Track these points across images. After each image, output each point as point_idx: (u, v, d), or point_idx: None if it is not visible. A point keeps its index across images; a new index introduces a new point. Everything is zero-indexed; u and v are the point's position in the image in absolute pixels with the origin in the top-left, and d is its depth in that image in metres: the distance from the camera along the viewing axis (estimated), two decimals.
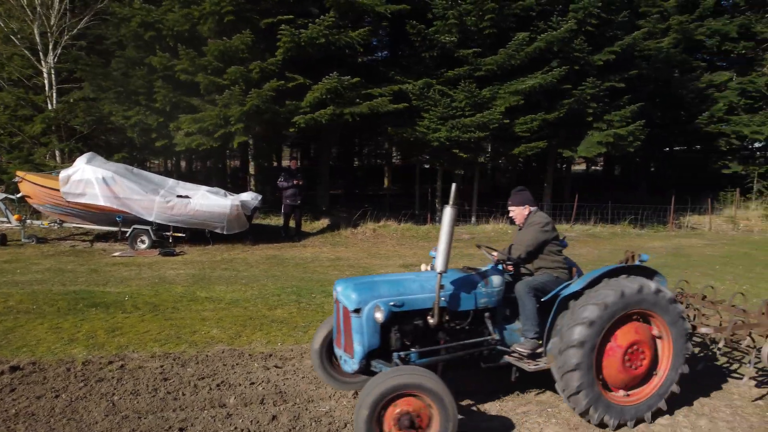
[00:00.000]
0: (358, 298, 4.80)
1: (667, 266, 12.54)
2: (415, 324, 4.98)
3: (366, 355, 4.80)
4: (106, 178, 12.65)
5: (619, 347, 4.99)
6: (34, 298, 8.77)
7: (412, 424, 4.19)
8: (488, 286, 5.29)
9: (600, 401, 4.92)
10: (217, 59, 13.85)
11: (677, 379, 5.22)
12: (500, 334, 5.37)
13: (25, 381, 5.95)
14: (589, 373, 4.86)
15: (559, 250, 5.60)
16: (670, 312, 5.15)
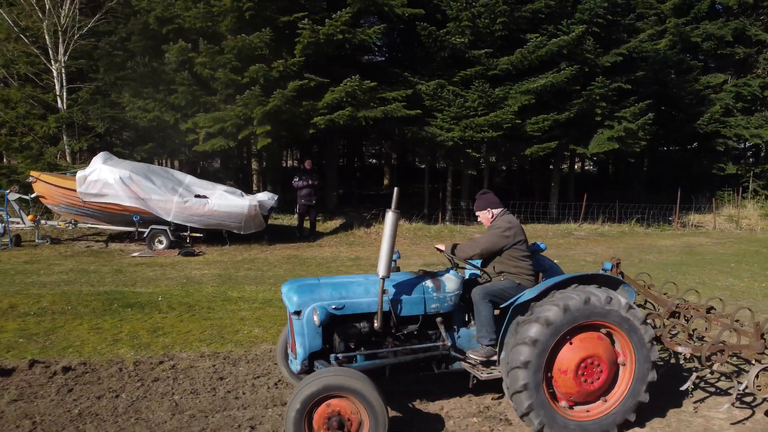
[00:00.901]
0: (298, 301, 4.83)
1: (685, 264, 12.75)
2: (358, 327, 4.97)
3: (308, 356, 4.83)
4: (124, 177, 12.57)
5: (573, 359, 4.67)
6: (66, 299, 8.72)
7: (341, 425, 4.23)
8: (440, 290, 5.15)
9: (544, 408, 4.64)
10: (236, 57, 13.78)
11: (634, 407, 4.84)
12: (455, 340, 5.24)
13: (80, 381, 5.95)
14: (539, 392, 4.60)
15: (524, 255, 5.27)
16: (635, 332, 4.77)
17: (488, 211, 5.48)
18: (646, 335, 4.80)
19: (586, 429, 4.75)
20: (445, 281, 5.20)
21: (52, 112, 15.75)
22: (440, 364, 5.20)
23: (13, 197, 13.34)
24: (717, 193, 26.54)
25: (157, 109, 14.72)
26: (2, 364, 6.23)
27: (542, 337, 4.56)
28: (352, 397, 4.25)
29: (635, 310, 4.81)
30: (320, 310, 4.70)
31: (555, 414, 4.67)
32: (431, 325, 5.19)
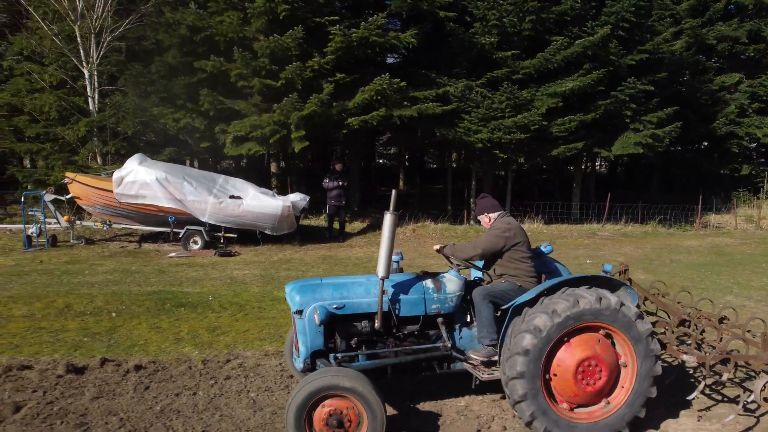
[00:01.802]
0: (300, 300, 4.95)
1: (717, 264, 12.86)
2: (359, 327, 5.07)
3: (310, 354, 4.95)
4: (161, 178, 12.71)
5: (571, 362, 4.68)
6: (119, 299, 8.86)
7: (340, 424, 4.36)
8: (441, 291, 5.20)
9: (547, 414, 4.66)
10: (270, 59, 13.90)
11: (642, 402, 4.83)
12: (456, 340, 5.30)
13: (154, 379, 6.09)
14: (535, 383, 4.63)
15: (525, 257, 5.29)
16: (630, 328, 4.75)
17: (485, 216, 5.57)
18: (643, 330, 4.77)
19: (593, 430, 4.77)
20: (446, 282, 5.26)
21: (82, 114, 15.90)
22: (442, 365, 5.26)
23: (49, 198, 13.49)
24: (733, 193, 26.66)
25: (188, 116, 14.88)
26: (74, 362, 6.36)
27: (534, 347, 4.57)
28: (350, 396, 4.36)
29: (627, 306, 4.77)
30: (321, 309, 4.81)
31: (559, 419, 4.69)
32: (432, 325, 5.25)
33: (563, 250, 13.86)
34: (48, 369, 6.22)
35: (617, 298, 4.75)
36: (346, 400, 4.40)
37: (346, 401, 4.40)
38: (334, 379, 4.37)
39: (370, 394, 4.36)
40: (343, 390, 4.36)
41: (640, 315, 4.81)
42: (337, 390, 4.36)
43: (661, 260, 13.23)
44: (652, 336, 4.80)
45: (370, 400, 4.36)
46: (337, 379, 4.38)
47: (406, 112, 14.39)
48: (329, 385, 4.35)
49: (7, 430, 4.97)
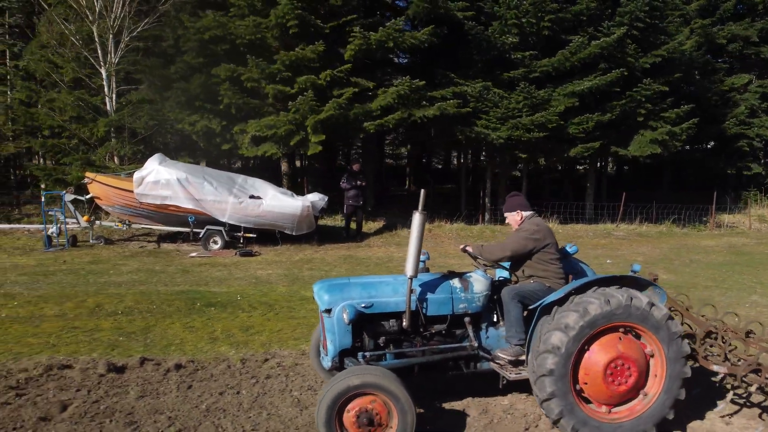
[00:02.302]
0: (329, 299, 4.97)
1: (738, 264, 12.87)
2: (387, 326, 5.10)
3: (338, 353, 4.96)
4: (181, 179, 12.75)
5: (601, 361, 4.67)
6: (148, 298, 8.91)
7: (371, 422, 4.36)
8: (468, 291, 5.20)
9: (574, 413, 4.65)
10: (286, 68, 13.97)
11: (671, 404, 4.80)
12: (483, 340, 5.31)
13: (195, 378, 6.11)
14: (564, 381, 4.62)
15: (553, 258, 5.30)
16: (660, 328, 4.74)
17: (517, 213, 5.53)
18: (674, 332, 4.77)
19: (620, 430, 4.74)
20: (473, 282, 5.27)
21: (99, 114, 15.94)
22: (469, 364, 5.26)
23: (69, 198, 13.53)
24: (743, 193, 26.67)
25: (204, 119, 14.93)
26: (113, 361, 6.39)
27: (564, 345, 4.57)
28: (381, 394, 4.37)
29: (658, 307, 4.77)
30: (349, 308, 4.83)
31: (587, 418, 4.67)
32: (459, 324, 5.26)
33: (583, 250, 13.82)
34: (89, 368, 6.24)
35: (648, 299, 4.75)
36: (377, 398, 4.40)
37: (376, 399, 4.40)
38: (365, 377, 4.39)
39: (400, 392, 4.36)
40: (373, 388, 4.36)
41: (670, 316, 4.81)
42: (367, 388, 4.36)
43: (681, 260, 13.25)
44: (681, 338, 4.82)
45: (400, 398, 4.36)
46: (367, 377, 4.40)
47: (427, 112, 14.45)
48: (360, 383, 4.36)
49: (57, 428, 4.99)
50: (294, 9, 13.29)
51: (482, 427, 5.15)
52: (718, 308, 9.05)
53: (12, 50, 18.34)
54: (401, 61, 17.53)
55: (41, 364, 6.25)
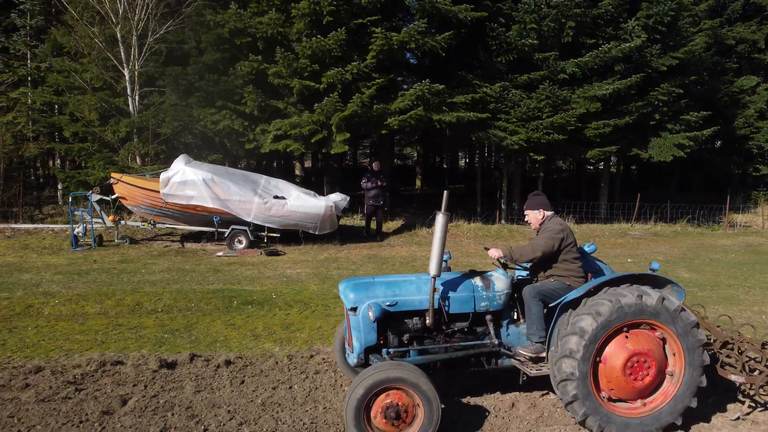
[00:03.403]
0: (354, 298, 5.14)
1: (758, 263, 13.03)
2: (411, 324, 5.24)
3: (363, 350, 5.11)
4: (207, 179, 12.92)
5: (617, 364, 4.78)
6: (185, 297, 9.08)
7: (398, 415, 4.53)
8: (489, 289, 5.34)
9: (598, 412, 4.77)
10: (311, 60, 14.14)
11: (694, 393, 4.92)
12: (505, 337, 5.44)
13: (246, 373, 6.28)
14: (585, 383, 4.73)
15: (575, 257, 5.45)
16: (677, 323, 4.85)
17: (540, 212, 5.64)
18: (697, 339, 4.86)
19: (630, 425, 4.83)
20: (494, 280, 5.41)
21: (121, 115, 16.13)
22: (490, 361, 5.40)
23: (95, 198, 13.71)
24: (753, 193, 26.82)
25: (227, 118, 15.12)
26: (163, 357, 6.57)
27: (592, 330, 4.69)
28: (409, 389, 4.53)
29: (686, 312, 4.89)
30: (375, 306, 4.96)
31: (599, 406, 4.78)
32: (481, 322, 5.40)
33: (601, 249, 14.00)
34: (140, 364, 6.41)
35: (659, 294, 4.86)
36: (405, 393, 4.55)
37: (404, 393, 4.56)
38: (392, 372, 4.54)
39: (428, 388, 4.52)
40: (400, 382, 4.52)
41: (683, 308, 4.93)
42: (395, 383, 4.52)
43: (700, 259, 13.41)
44: (703, 348, 4.91)
45: (428, 394, 4.52)
46: (394, 372, 4.55)
47: (445, 117, 14.66)
48: (387, 377, 4.51)
49: (122, 421, 5.15)
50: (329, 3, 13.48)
51: (534, 421, 5.31)
52: (743, 307, 9.27)
53: (33, 52, 18.52)
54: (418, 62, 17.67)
55: (94, 361, 6.43)
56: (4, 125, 16.97)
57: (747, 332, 6.06)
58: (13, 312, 8.30)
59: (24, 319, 8.03)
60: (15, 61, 18.50)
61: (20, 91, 18.12)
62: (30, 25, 18.45)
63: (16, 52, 18.54)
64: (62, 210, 18.03)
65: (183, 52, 16.04)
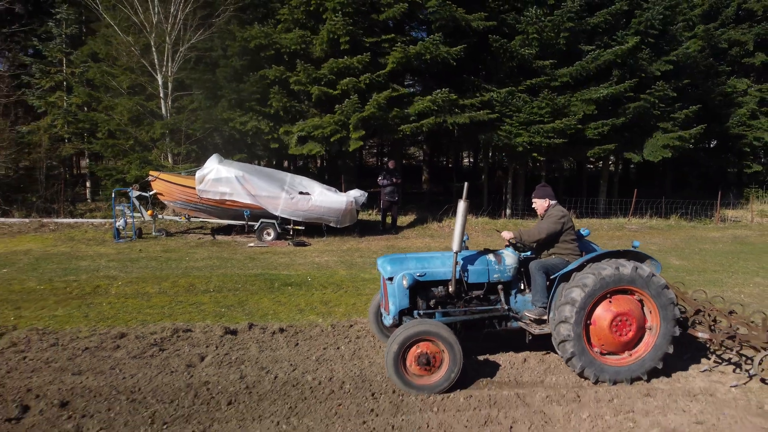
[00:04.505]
0: (391, 269, 6.32)
1: (743, 252, 14.24)
2: (436, 291, 6.39)
3: (398, 312, 6.26)
4: (239, 176, 14.12)
5: (606, 319, 5.91)
6: (231, 280, 10.30)
7: (428, 361, 5.69)
8: (501, 264, 6.50)
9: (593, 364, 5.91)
10: (330, 72, 15.42)
11: (669, 342, 6.01)
12: (513, 303, 6.59)
13: (298, 338, 7.45)
14: (580, 341, 5.85)
15: (573, 239, 6.54)
16: (650, 286, 5.95)
17: (546, 201, 6.75)
18: (668, 297, 6.00)
19: (620, 372, 5.98)
20: (505, 257, 6.60)
21: (155, 118, 17.36)
22: (501, 323, 6.56)
23: (135, 194, 14.91)
24: (745, 190, 27.98)
25: (254, 119, 16.37)
26: (226, 325, 7.75)
27: (581, 298, 5.83)
28: (437, 340, 5.70)
29: (657, 277, 6.01)
30: (408, 276, 6.14)
31: (593, 359, 5.94)
32: (494, 291, 6.59)
33: (601, 240, 15.19)
34: (207, 331, 7.60)
35: (650, 270, 6.04)
36: (433, 344, 5.72)
37: (430, 344, 5.72)
38: (420, 327, 5.73)
39: (452, 339, 5.69)
40: (432, 335, 5.69)
41: (666, 285, 6.06)
42: (428, 335, 5.69)
43: (690, 249, 14.61)
44: (674, 304, 6.06)
45: (452, 344, 5.68)
46: (422, 326, 5.74)
47: (458, 119, 15.94)
48: (417, 331, 5.69)
49: (205, 371, 6.33)
50: (345, 25, 14.78)
51: (543, 371, 6.51)
52: (725, 288, 10.49)
53: (68, 59, 19.76)
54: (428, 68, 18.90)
55: (167, 329, 7.61)
56: (43, 127, 18.24)
57: (718, 304, 7.24)
58: (84, 291, 9.52)
59: (96, 297, 9.25)
60: (51, 68, 19.76)
61: (57, 95, 19.37)
62: (65, 34, 19.69)
63: (52, 59, 19.81)
64: (94, 206, 19.29)
65: (211, 59, 17.27)
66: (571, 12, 16.18)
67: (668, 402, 5.67)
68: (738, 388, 6.07)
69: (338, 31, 14.87)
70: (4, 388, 5.73)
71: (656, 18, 17.69)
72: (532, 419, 5.28)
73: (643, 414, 5.41)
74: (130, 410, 5.33)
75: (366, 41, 15.71)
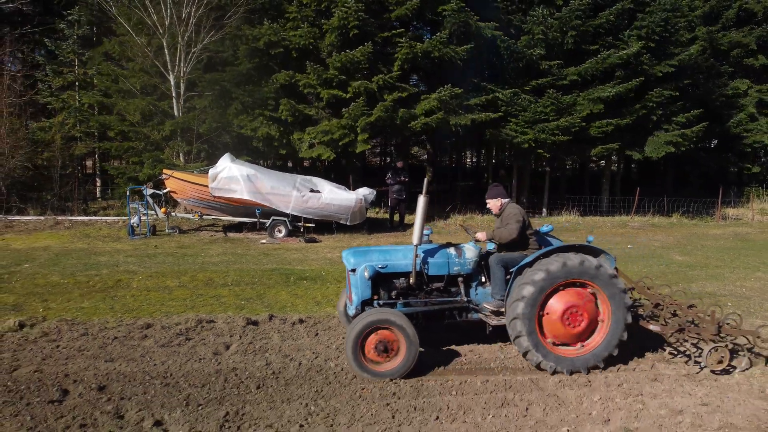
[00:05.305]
0: (354, 261, 6.55)
1: (744, 249, 14.56)
2: (398, 283, 6.60)
3: (360, 302, 6.48)
4: (250, 175, 14.44)
5: (556, 315, 6.09)
6: (248, 274, 10.61)
7: (386, 349, 5.93)
8: (461, 257, 6.66)
9: (540, 348, 6.09)
10: (340, 72, 15.73)
11: (623, 330, 6.19)
12: (474, 295, 6.77)
13: (318, 329, 7.75)
14: (533, 335, 6.03)
15: (530, 233, 6.76)
16: (608, 285, 6.13)
17: (498, 200, 6.94)
18: (619, 287, 6.17)
19: (576, 362, 6.17)
20: (465, 250, 6.76)
21: (166, 117, 17.68)
22: (461, 314, 6.77)
23: (149, 192, 15.22)
24: (745, 189, 28.31)
25: (264, 125, 16.71)
26: (248, 316, 8.05)
27: (531, 295, 6.04)
28: (393, 328, 5.93)
29: (605, 268, 6.17)
30: (370, 268, 6.38)
31: (548, 351, 6.13)
32: (454, 283, 6.78)
33: (604, 237, 15.57)
34: (230, 322, 7.92)
35: (598, 262, 6.21)
36: (390, 331, 5.94)
37: (390, 332, 5.94)
38: (379, 315, 5.98)
39: (408, 327, 5.92)
40: (389, 323, 5.93)
41: (615, 275, 6.22)
42: (385, 323, 5.93)
43: (693, 245, 14.92)
44: (624, 292, 6.23)
45: (408, 332, 5.91)
46: (381, 315, 6.00)
47: (461, 120, 16.25)
48: (377, 319, 5.94)
49: (232, 358, 6.64)
50: (357, 11, 15.06)
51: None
52: (727, 282, 10.81)
53: (80, 59, 20.09)
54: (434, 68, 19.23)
55: (191, 319, 7.92)
56: (56, 126, 18.57)
57: (681, 298, 7.50)
58: (107, 285, 9.84)
59: (119, 290, 9.57)
60: (64, 68, 20.10)
61: (68, 94, 19.71)
62: (78, 34, 20.03)
63: (64, 59, 20.15)
64: (106, 204, 19.62)
65: (221, 60, 17.59)
66: (579, 11, 16.50)
67: (674, 386, 5.97)
68: (741, 373, 6.36)
69: (349, 18, 15.11)
70: (43, 374, 6.03)
71: (659, 24, 18.02)
72: (546, 402, 5.58)
73: (651, 397, 5.71)
74: (165, 393, 5.63)
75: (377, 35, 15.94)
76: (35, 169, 18.63)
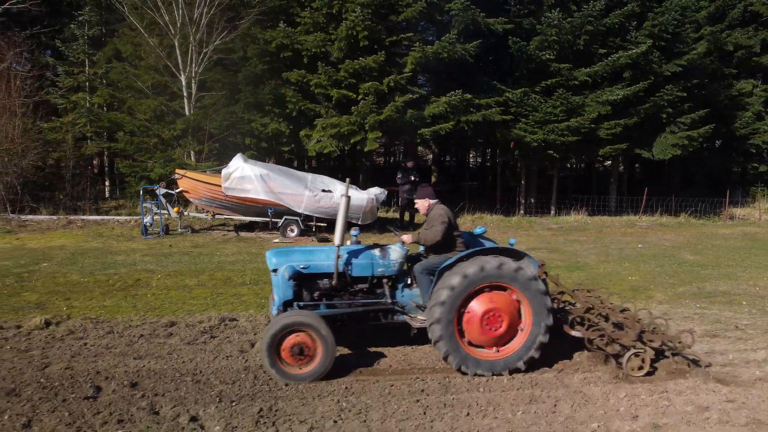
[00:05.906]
0: (276, 262, 6.42)
1: (754, 248, 14.66)
2: (321, 284, 6.50)
3: (282, 303, 6.38)
4: (263, 175, 14.53)
5: (478, 313, 6.01)
6: (265, 273, 10.37)
7: (301, 352, 5.83)
8: (386, 258, 6.56)
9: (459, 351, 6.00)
10: (351, 76, 15.85)
11: (544, 332, 6.10)
12: (400, 297, 6.64)
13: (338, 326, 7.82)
14: (452, 339, 5.95)
15: (456, 234, 6.65)
16: (528, 287, 6.06)
17: (426, 201, 6.79)
18: (538, 289, 6.09)
19: (496, 365, 6.11)
20: (390, 252, 6.66)
21: (177, 116, 17.78)
22: (386, 316, 6.65)
23: (162, 192, 15.31)
24: (751, 188, 28.41)
25: (274, 121, 16.81)
26: (269, 316, 8.10)
27: (448, 299, 5.94)
28: (309, 330, 5.84)
29: (524, 270, 6.07)
30: (290, 268, 6.26)
31: (467, 355, 6.05)
32: (380, 285, 6.68)
33: (613, 237, 15.68)
34: (252, 320, 8.03)
35: (517, 264, 6.10)
36: (306, 334, 5.85)
37: (306, 335, 5.85)
38: (297, 318, 5.91)
39: (324, 330, 5.82)
40: (304, 326, 5.85)
41: (535, 277, 6.15)
42: (300, 326, 5.84)
43: (703, 245, 15.01)
44: (545, 294, 6.16)
45: (324, 334, 5.82)
46: (298, 317, 5.92)
47: (472, 118, 16.35)
48: (293, 322, 5.86)
49: (258, 356, 6.70)
50: (364, 20, 15.16)
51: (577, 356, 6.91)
52: (740, 281, 10.90)
53: (90, 59, 20.21)
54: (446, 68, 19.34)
55: (214, 318, 8.02)
56: (66, 125, 18.69)
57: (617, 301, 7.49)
58: (127, 284, 9.94)
59: (139, 289, 9.66)
60: (74, 68, 20.21)
61: (79, 95, 19.82)
62: (88, 35, 20.14)
63: (74, 59, 20.26)
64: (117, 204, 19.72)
65: (232, 61, 17.69)
66: (592, 15, 16.59)
67: (699, 384, 6.06)
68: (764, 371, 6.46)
69: (357, 26, 15.23)
70: (74, 371, 6.12)
71: (670, 23, 18.11)
72: (573, 398, 5.67)
73: (676, 393, 5.81)
74: (196, 390, 5.72)
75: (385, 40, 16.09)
76: (47, 168, 18.74)
